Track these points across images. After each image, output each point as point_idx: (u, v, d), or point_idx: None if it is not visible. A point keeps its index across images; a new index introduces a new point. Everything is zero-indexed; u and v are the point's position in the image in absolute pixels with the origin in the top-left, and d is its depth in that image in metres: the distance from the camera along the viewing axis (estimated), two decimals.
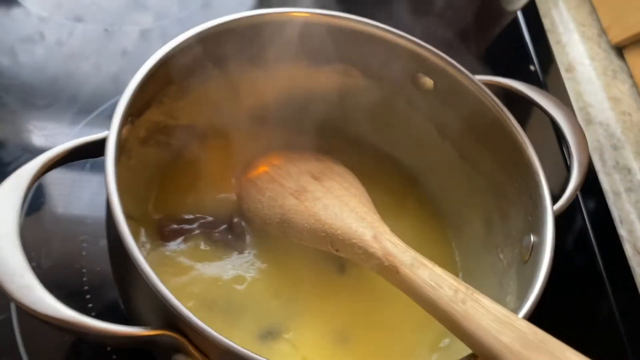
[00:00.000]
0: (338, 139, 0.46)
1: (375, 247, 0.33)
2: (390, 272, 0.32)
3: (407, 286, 0.31)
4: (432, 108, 0.43)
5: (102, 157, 0.30)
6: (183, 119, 0.41)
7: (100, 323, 0.26)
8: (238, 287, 0.38)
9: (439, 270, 0.31)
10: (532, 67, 0.66)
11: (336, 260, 0.40)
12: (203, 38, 0.36)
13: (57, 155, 0.30)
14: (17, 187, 0.28)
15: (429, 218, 0.45)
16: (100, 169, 0.29)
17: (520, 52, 0.67)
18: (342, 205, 0.36)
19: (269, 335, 0.36)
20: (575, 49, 0.67)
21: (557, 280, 0.32)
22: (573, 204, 0.44)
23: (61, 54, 0.51)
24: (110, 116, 0.31)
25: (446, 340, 0.39)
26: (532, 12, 0.69)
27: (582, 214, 0.53)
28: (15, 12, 0.53)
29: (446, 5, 0.54)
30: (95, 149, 0.32)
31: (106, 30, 0.54)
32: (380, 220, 0.35)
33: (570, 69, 0.67)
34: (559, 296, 0.35)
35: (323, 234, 0.36)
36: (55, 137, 0.46)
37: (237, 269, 0.39)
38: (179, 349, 0.27)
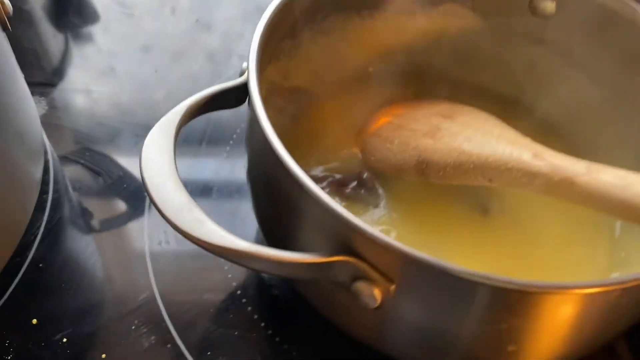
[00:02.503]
0: (456, 89, 0.43)
1: (538, 164, 0.30)
2: (563, 187, 0.29)
3: (589, 195, 0.28)
4: (556, 34, 0.40)
5: None
6: (296, 80, 0.40)
7: (277, 251, 0.24)
8: None
9: (620, 170, 0.27)
10: None
11: (477, 200, 0.38)
12: None
13: (199, 101, 0.29)
14: (167, 133, 0.27)
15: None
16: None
17: None
18: (486, 134, 0.34)
19: None
20: None
21: None
22: None
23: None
24: None
25: (615, 274, 0.35)
26: None
27: None
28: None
29: None
30: (234, 95, 0.31)
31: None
32: (534, 142, 0.32)
33: None
34: None
35: (471, 166, 0.33)
36: None
37: (377, 223, 0.36)
38: (359, 276, 0.24)
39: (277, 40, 0.36)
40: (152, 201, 0.24)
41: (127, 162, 0.43)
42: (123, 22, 0.55)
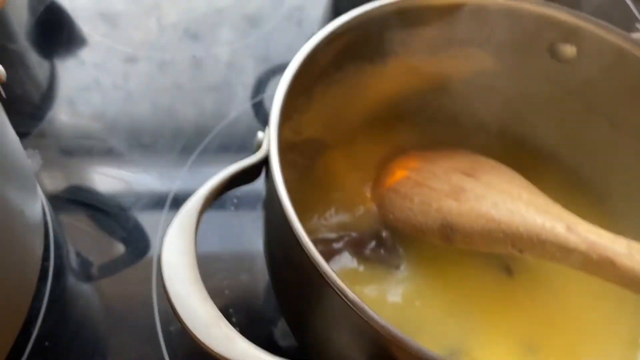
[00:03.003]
0: (472, 133, 0.41)
1: (574, 240, 0.29)
2: (601, 267, 0.28)
3: (630, 279, 0.27)
4: (576, 79, 0.39)
5: None
6: (307, 133, 0.38)
7: None
8: (407, 308, 0.34)
9: None
10: (638, 25, 0.61)
11: (500, 261, 0.36)
12: (330, 39, 0.33)
13: (216, 187, 0.27)
14: (187, 229, 0.25)
15: (588, 207, 0.40)
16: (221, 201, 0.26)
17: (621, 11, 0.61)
18: (514, 200, 0.32)
19: (453, 356, 0.33)
20: None
21: None
22: None
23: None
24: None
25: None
26: None
27: None
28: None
29: None
30: (251, 172, 0.29)
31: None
32: (565, 210, 0.31)
33: None
34: None
35: (500, 235, 0.31)
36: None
37: (399, 287, 0.35)
38: None
39: (292, 103, 0.34)
40: (178, 318, 0.22)
41: (143, 218, 0.41)
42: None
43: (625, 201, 0.39)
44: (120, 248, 0.39)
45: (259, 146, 0.30)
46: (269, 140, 0.28)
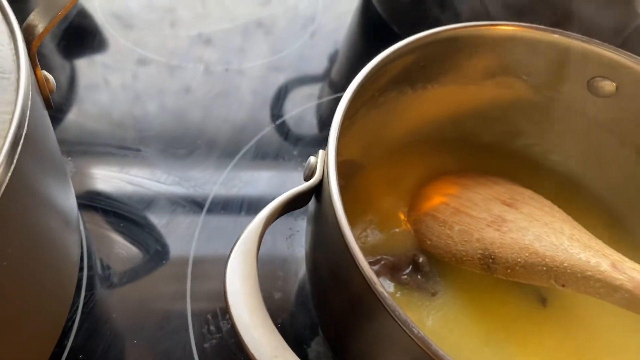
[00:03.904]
0: (505, 159, 0.42)
1: (619, 278, 0.29)
2: None
3: None
4: (613, 115, 0.39)
5: None
6: (346, 154, 0.38)
7: None
8: (445, 335, 0.34)
9: None
10: None
11: (535, 290, 0.37)
12: (382, 67, 0.34)
13: (274, 211, 0.27)
14: (249, 253, 0.25)
15: (616, 235, 0.41)
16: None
17: None
18: (557, 234, 0.33)
19: None
20: None
21: None
22: None
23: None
24: None
25: None
26: None
27: None
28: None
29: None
30: (306, 198, 0.29)
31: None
32: (607, 246, 0.32)
33: None
34: None
35: (544, 269, 0.32)
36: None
37: (437, 313, 0.35)
38: None
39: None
40: (245, 348, 0.22)
41: (165, 230, 0.40)
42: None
43: None
44: (153, 260, 0.39)
45: (311, 170, 0.30)
46: (326, 166, 0.28)
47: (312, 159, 0.31)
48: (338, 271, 0.28)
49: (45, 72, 0.30)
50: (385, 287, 0.36)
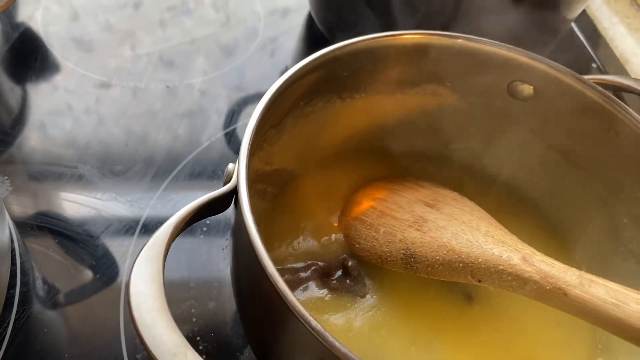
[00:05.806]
0: (435, 164, 0.43)
1: (528, 270, 0.30)
2: (554, 296, 0.29)
3: (580, 308, 0.28)
4: (533, 116, 0.41)
5: None
6: (277, 163, 0.39)
7: None
8: (373, 336, 0.35)
9: (613, 285, 0.28)
10: (594, 65, 0.64)
11: (461, 289, 0.38)
12: (301, 75, 0.35)
13: (184, 217, 0.28)
14: (155, 257, 0.26)
15: (544, 234, 0.42)
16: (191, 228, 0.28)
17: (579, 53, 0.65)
18: (473, 231, 0.34)
19: None
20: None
21: None
22: None
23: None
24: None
25: None
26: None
27: None
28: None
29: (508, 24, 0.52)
30: (220, 204, 0.30)
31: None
32: (520, 241, 0.33)
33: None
34: None
35: (460, 265, 0.33)
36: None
37: (364, 316, 0.36)
38: None
39: (262, 134, 0.35)
40: (145, 346, 0.23)
41: (112, 245, 0.41)
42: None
43: (581, 233, 0.41)
44: (88, 275, 0.39)
45: (229, 177, 0.31)
46: (238, 172, 0.29)
47: (230, 165, 0.32)
48: (250, 276, 0.29)
49: None
50: (315, 291, 0.37)
